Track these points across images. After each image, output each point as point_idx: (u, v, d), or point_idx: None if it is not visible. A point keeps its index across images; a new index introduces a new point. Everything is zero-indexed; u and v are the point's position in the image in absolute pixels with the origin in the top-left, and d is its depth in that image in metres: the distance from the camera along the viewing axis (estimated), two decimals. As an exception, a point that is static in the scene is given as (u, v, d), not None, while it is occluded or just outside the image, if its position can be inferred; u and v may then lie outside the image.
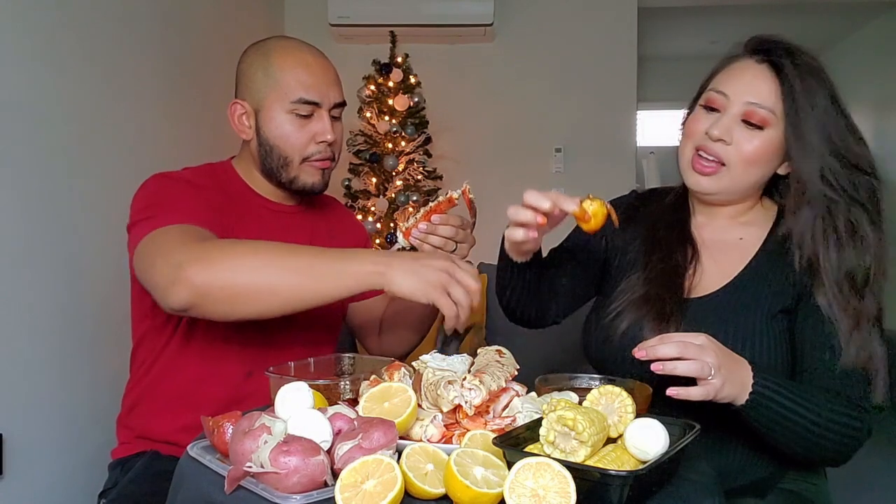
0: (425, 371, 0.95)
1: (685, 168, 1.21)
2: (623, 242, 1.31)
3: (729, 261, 1.22)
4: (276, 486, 0.76)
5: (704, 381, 0.96)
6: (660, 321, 1.15)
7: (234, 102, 1.37)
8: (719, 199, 1.22)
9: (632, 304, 1.20)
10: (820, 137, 1.12)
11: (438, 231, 1.22)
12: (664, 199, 1.33)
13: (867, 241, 1.11)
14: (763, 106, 1.14)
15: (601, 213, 1.05)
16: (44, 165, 1.71)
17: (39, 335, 1.66)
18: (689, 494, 0.83)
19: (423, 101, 3.46)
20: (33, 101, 1.68)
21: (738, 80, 1.16)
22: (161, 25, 2.34)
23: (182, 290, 1.06)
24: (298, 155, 1.34)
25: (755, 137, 1.14)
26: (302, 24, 3.79)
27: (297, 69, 1.33)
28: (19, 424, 1.60)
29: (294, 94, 1.31)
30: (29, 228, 1.66)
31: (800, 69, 1.14)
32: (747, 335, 1.13)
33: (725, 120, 1.15)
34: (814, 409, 1.04)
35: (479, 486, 0.75)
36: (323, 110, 1.34)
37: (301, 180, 1.36)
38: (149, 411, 1.34)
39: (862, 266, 1.11)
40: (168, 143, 2.31)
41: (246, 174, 1.41)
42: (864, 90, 4.95)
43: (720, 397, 0.99)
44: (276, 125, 1.33)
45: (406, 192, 3.41)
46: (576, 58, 3.90)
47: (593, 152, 3.92)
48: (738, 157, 1.15)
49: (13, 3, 1.61)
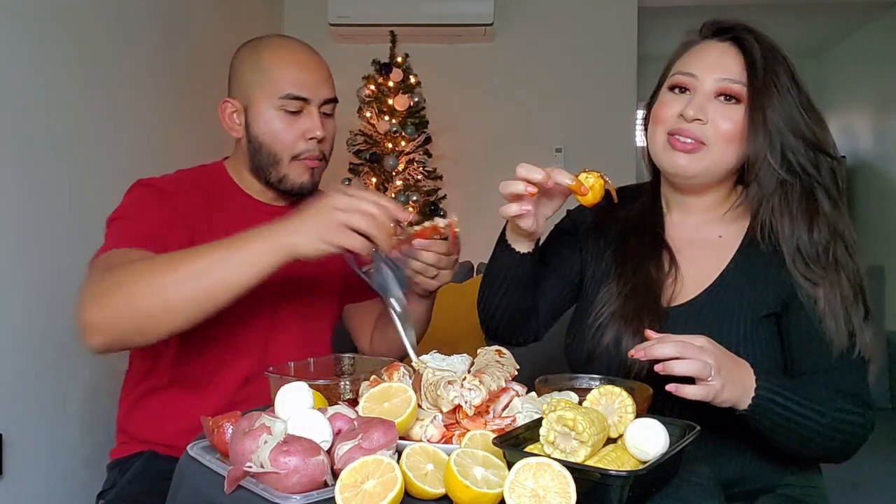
0: (425, 371, 0.95)
1: (660, 151, 1.14)
2: (598, 249, 1.26)
3: (708, 261, 1.17)
4: (276, 486, 0.76)
5: (704, 382, 0.94)
6: (639, 336, 1.09)
7: (225, 101, 1.36)
8: (698, 182, 1.15)
9: (610, 318, 1.15)
10: (781, 115, 1.09)
11: (421, 256, 1.18)
12: (635, 200, 1.27)
13: (827, 220, 1.09)
14: (736, 80, 1.10)
15: (599, 186, 1.04)
16: (43, 165, 1.71)
17: (39, 335, 1.66)
18: (690, 496, 0.83)
19: (423, 100, 3.46)
20: (32, 101, 1.68)
21: (704, 59, 1.13)
22: (160, 25, 2.34)
23: (91, 336, 1.06)
24: (287, 152, 1.32)
25: (732, 112, 1.10)
26: (301, 23, 3.79)
27: (285, 65, 1.31)
28: (19, 424, 1.60)
29: (282, 89, 1.29)
30: (28, 228, 1.66)
31: (762, 46, 1.11)
32: (731, 343, 1.05)
33: (698, 98, 1.11)
34: (819, 410, 1.02)
35: (479, 486, 0.74)
36: (312, 106, 1.32)
37: (290, 179, 1.34)
38: (145, 415, 1.33)
39: (820, 242, 1.08)
40: (167, 143, 2.31)
41: (237, 174, 1.39)
42: (864, 90, 4.96)
43: (720, 401, 0.96)
44: (264, 121, 1.31)
45: (406, 192, 3.41)
46: (576, 58, 3.91)
47: (593, 152, 3.92)
48: (716, 135, 1.10)
49: (12, 3, 1.61)
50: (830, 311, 1.07)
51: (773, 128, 1.09)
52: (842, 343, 1.07)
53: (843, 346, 1.07)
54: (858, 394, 1.08)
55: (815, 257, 1.09)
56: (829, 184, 1.11)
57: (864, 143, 4.93)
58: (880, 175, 4.71)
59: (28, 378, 1.64)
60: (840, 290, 1.08)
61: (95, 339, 1.06)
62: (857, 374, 1.09)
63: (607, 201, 1.09)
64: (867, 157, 4.87)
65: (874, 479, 2.05)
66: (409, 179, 3.46)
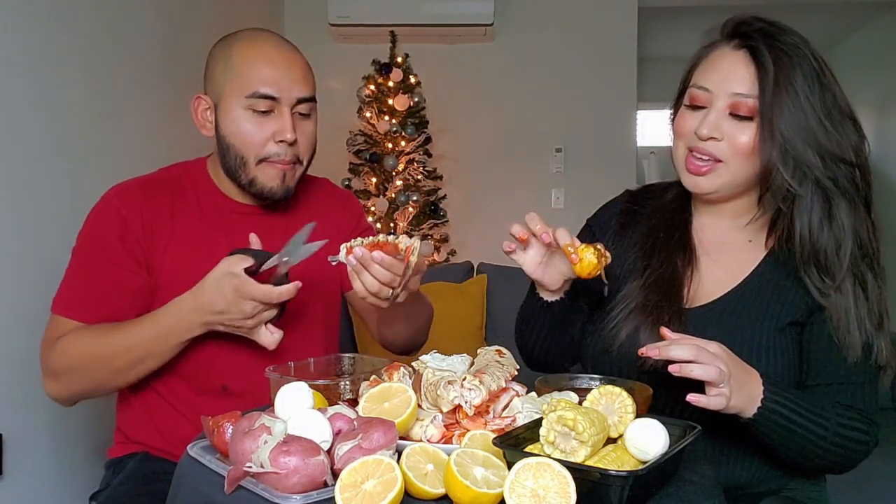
0: (425, 371, 0.95)
1: (680, 170, 1.16)
2: (622, 250, 1.24)
3: (735, 265, 1.16)
4: (276, 486, 0.76)
5: (715, 388, 0.93)
6: (656, 331, 1.08)
7: (198, 96, 1.30)
8: (720, 195, 1.16)
9: (630, 313, 1.15)
10: (794, 126, 1.06)
11: (373, 271, 1.07)
12: (664, 195, 1.27)
13: (843, 229, 1.08)
14: (748, 95, 1.09)
15: (590, 265, 1.03)
16: (43, 165, 1.71)
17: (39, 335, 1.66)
18: (690, 496, 0.82)
19: (423, 100, 3.46)
20: (32, 101, 1.68)
21: (717, 71, 1.12)
22: (160, 26, 2.34)
23: (56, 400, 1.27)
24: (254, 155, 1.24)
25: (747, 128, 1.09)
26: (301, 23, 3.80)
27: (256, 61, 1.23)
28: (19, 424, 1.60)
29: (250, 87, 1.22)
30: (27, 228, 1.66)
31: (776, 52, 1.08)
32: (752, 348, 1.07)
33: (712, 116, 1.10)
34: (823, 424, 1.02)
35: (479, 486, 0.74)
36: (283, 106, 1.24)
37: (259, 183, 1.26)
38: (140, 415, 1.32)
39: (834, 252, 1.07)
40: (166, 143, 2.31)
41: (215, 174, 1.34)
42: (865, 90, 4.95)
43: (727, 408, 0.96)
44: (231, 120, 1.24)
45: (406, 192, 3.41)
46: (576, 58, 3.91)
47: (593, 152, 3.92)
48: (732, 152, 1.10)
49: (12, 3, 1.61)
50: (844, 323, 1.07)
51: (784, 140, 1.06)
52: (855, 355, 1.07)
53: (856, 358, 1.07)
54: (865, 409, 1.08)
55: (827, 267, 1.08)
56: (850, 191, 1.09)
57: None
58: (880, 175, 4.72)
59: (28, 378, 1.63)
60: (854, 300, 1.07)
61: (61, 403, 1.30)
62: (867, 389, 1.08)
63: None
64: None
65: (874, 479, 2.05)
66: (409, 179, 3.46)
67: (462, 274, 3.02)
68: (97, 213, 1.29)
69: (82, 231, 1.29)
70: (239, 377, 1.27)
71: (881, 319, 1.09)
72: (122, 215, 1.26)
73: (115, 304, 1.25)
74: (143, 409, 1.31)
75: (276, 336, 1.17)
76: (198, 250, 1.28)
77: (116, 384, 1.25)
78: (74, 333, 1.21)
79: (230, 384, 1.29)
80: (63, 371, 1.22)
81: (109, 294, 1.25)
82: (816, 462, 1.07)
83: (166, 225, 1.28)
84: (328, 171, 1.51)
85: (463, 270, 3.05)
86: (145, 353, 1.20)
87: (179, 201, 1.31)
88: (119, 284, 1.25)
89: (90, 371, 1.21)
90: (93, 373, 1.21)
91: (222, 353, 1.26)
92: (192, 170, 1.37)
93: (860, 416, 1.07)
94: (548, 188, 3.93)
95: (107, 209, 1.28)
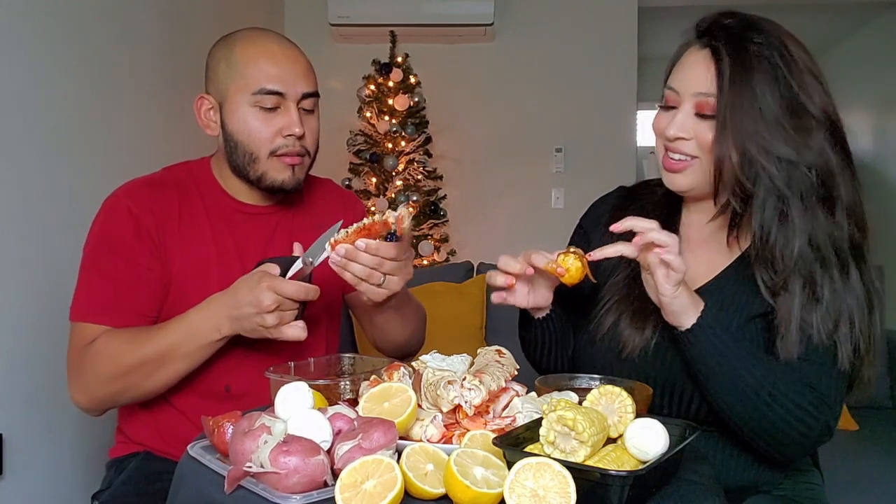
0: (425, 371, 0.95)
1: (660, 167, 1.18)
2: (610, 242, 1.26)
3: (715, 260, 1.19)
4: (276, 486, 0.76)
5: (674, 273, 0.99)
6: (639, 319, 1.13)
7: (200, 97, 1.31)
8: (698, 192, 1.16)
9: (614, 304, 1.18)
10: (749, 127, 1.05)
11: (360, 259, 1.09)
12: (656, 192, 1.28)
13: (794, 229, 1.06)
14: (709, 94, 1.09)
15: (576, 269, 1.05)
16: (43, 164, 1.71)
17: (39, 335, 1.66)
18: (690, 496, 0.83)
19: (423, 101, 3.46)
20: (32, 100, 1.69)
21: (685, 72, 1.13)
22: (161, 26, 2.34)
23: (83, 409, 1.27)
24: (265, 149, 1.26)
25: (712, 127, 1.09)
26: (302, 24, 3.80)
27: (259, 59, 1.25)
28: (19, 424, 1.60)
29: (256, 84, 1.24)
30: (28, 228, 1.66)
31: (737, 51, 1.07)
32: None
33: (680, 117, 1.11)
34: (759, 370, 1.02)
35: (479, 486, 0.74)
36: (289, 102, 1.26)
37: (270, 177, 1.28)
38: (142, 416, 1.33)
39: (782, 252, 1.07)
40: (167, 143, 2.31)
41: (220, 174, 1.35)
42: (864, 90, 4.95)
43: (672, 306, 1.02)
44: (239, 118, 1.25)
45: (406, 192, 3.41)
46: (576, 58, 3.91)
47: (593, 152, 3.92)
48: (702, 148, 1.10)
49: (12, 3, 1.61)
50: (786, 322, 1.06)
51: (736, 138, 1.06)
52: (790, 355, 1.06)
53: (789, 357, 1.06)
54: (818, 388, 1.06)
55: (774, 267, 1.08)
56: (806, 193, 1.07)
57: (864, 143, 4.93)
58: (880, 175, 4.72)
59: (28, 378, 1.64)
60: (802, 302, 1.06)
61: (91, 413, 1.30)
62: (825, 371, 1.07)
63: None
64: (867, 157, 4.87)
65: (874, 479, 2.05)
66: (409, 179, 3.46)
67: (462, 274, 3.02)
68: (107, 213, 1.28)
69: (93, 233, 1.28)
70: (242, 378, 1.27)
71: (836, 324, 1.07)
72: (134, 213, 1.26)
73: (138, 302, 1.24)
74: (145, 409, 1.31)
75: (300, 327, 1.15)
76: (206, 251, 1.28)
77: (147, 389, 1.22)
78: (105, 339, 1.20)
79: (233, 385, 1.29)
80: (97, 379, 1.20)
81: (131, 293, 1.24)
82: (750, 422, 1.04)
83: (175, 224, 1.28)
84: (328, 171, 1.51)
85: (463, 270, 3.05)
86: (176, 354, 1.18)
87: (186, 202, 1.31)
88: (140, 282, 1.25)
89: (124, 377, 1.19)
90: (126, 378, 1.19)
91: (226, 353, 1.25)
92: (195, 170, 1.37)
93: (812, 392, 1.05)
94: (548, 188, 3.93)
95: (117, 208, 1.27)
